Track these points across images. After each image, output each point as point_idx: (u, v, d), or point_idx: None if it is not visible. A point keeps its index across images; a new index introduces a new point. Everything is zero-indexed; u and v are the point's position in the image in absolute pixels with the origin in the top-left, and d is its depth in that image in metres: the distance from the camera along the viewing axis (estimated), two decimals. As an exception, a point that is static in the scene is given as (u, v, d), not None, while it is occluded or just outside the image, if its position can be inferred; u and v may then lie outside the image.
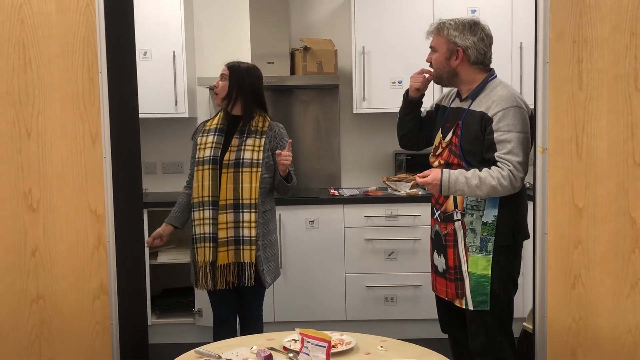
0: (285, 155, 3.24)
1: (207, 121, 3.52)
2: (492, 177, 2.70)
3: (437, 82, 3.00)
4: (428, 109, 3.17)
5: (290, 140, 3.34)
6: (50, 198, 2.75)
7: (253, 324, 3.44)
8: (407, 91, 3.08)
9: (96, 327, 2.80)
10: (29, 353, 2.79)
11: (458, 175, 2.74)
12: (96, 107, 2.73)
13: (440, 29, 2.89)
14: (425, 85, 3.02)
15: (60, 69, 2.71)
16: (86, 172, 2.75)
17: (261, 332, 3.40)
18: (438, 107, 3.09)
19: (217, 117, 3.46)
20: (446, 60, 2.88)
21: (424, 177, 2.79)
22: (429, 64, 2.98)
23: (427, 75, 3.00)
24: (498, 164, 2.72)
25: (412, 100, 3.07)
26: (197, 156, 3.38)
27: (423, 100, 3.11)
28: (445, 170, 2.77)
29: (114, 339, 2.82)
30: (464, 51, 2.84)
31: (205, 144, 3.37)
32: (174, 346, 4.37)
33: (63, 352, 2.80)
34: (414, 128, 3.12)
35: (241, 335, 3.44)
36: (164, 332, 4.58)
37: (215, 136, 3.37)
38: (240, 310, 3.50)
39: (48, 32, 2.70)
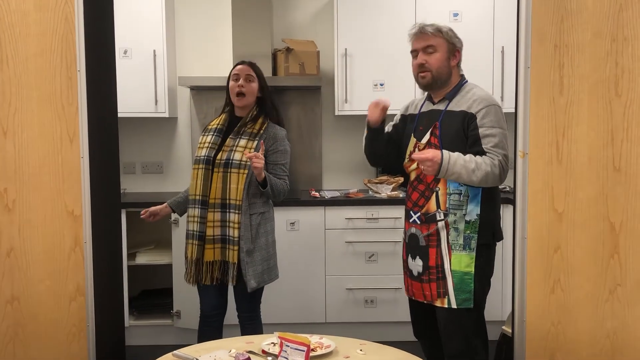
0: (253, 156, 3.16)
1: (212, 120, 3.52)
2: (486, 164, 2.75)
3: (428, 88, 2.96)
4: (392, 122, 3.14)
5: (262, 142, 3.28)
6: (27, 198, 2.71)
7: (247, 326, 3.46)
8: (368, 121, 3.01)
9: (72, 329, 2.77)
10: (3, 355, 2.75)
11: (457, 157, 2.75)
12: (74, 106, 2.69)
13: (440, 30, 2.91)
14: (383, 115, 2.95)
15: (38, 68, 2.67)
16: (63, 172, 2.72)
17: (257, 333, 3.39)
18: (405, 118, 3.09)
19: (220, 118, 3.46)
20: (447, 61, 2.91)
21: (423, 155, 2.74)
22: (420, 65, 2.92)
23: (383, 105, 2.93)
24: (488, 154, 2.77)
25: (375, 129, 3.01)
26: (195, 154, 3.42)
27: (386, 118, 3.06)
28: (445, 151, 2.76)
29: (91, 342, 2.78)
30: (459, 52, 2.93)
31: (204, 143, 3.40)
32: (152, 348, 4.33)
33: (38, 355, 2.76)
34: (381, 144, 3.06)
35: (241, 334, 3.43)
36: (142, 334, 4.53)
37: (213, 136, 3.39)
38: (237, 311, 3.50)
39: (26, 30, 2.66)
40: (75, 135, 2.70)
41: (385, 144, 3.07)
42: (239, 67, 3.40)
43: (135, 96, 4.48)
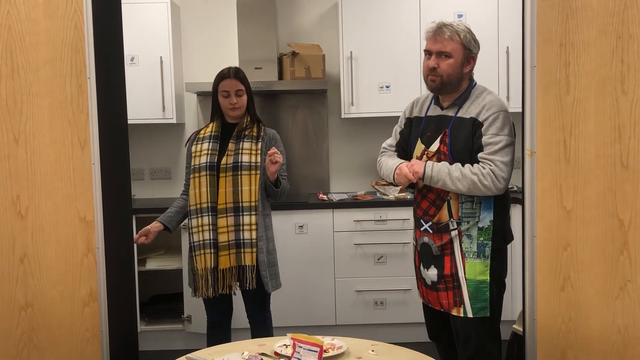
0: (278, 154, 3.21)
1: (200, 130, 3.51)
2: (472, 173, 2.71)
3: (436, 92, 2.87)
4: (398, 128, 3.08)
5: (274, 148, 3.30)
6: (39, 204, 2.73)
7: (260, 327, 3.47)
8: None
9: (86, 334, 2.78)
10: (18, 361, 2.77)
11: (441, 166, 2.75)
12: (85, 113, 2.72)
13: (456, 33, 2.77)
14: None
15: (49, 75, 2.70)
16: (75, 179, 2.74)
17: (269, 334, 3.43)
18: (410, 121, 3.01)
19: (210, 125, 3.45)
20: (460, 67, 2.80)
21: (406, 171, 2.77)
22: (431, 68, 2.80)
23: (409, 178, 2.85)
24: (480, 163, 2.74)
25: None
26: (192, 164, 3.37)
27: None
28: (429, 162, 2.77)
29: (104, 346, 2.80)
30: (474, 59, 2.83)
31: (201, 151, 3.37)
32: (163, 353, 4.36)
33: (53, 360, 2.79)
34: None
35: (251, 337, 3.44)
36: (153, 339, 4.55)
37: (211, 143, 3.37)
38: (248, 314, 3.51)
39: (36, 39, 2.68)
40: (86, 141, 2.72)
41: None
42: (226, 82, 3.36)
43: (142, 103, 4.51)
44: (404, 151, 3.02)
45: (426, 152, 2.87)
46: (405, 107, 3.08)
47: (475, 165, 2.74)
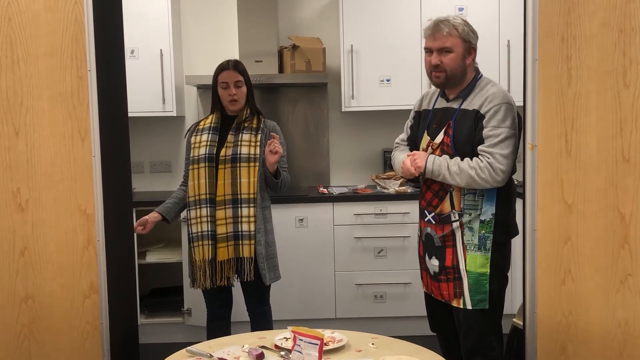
0: (277, 144, 3.22)
1: (199, 121, 3.51)
2: (470, 167, 2.73)
3: (441, 87, 2.91)
4: (409, 123, 3.13)
5: (277, 135, 3.32)
6: (39, 197, 2.73)
7: (260, 320, 3.47)
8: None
9: (86, 327, 2.79)
10: (18, 353, 2.77)
11: (441, 161, 2.80)
12: (85, 105, 2.71)
13: (454, 28, 2.80)
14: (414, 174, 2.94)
15: (49, 68, 2.69)
16: (75, 171, 2.73)
17: (268, 327, 3.43)
18: (419, 114, 3.06)
19: (210, 117, 3.45)
20: (462, 60, 2.82)
21: (408, 165, 2.86)
22: (435, 65, 2.83)
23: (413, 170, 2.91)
24: (479, 156, 2.76)
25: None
26: (192, 155, 3.37)
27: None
28: (430, 156, 2.82)
29: (105, 339, 2.80)
30: (474, 49, 2.85)
31: (200, 142, 3.37)
32: (163, 346, 4.34)
33: (53, 352, 2.78)
34: None
35: (251, 330, 3.44)
36: (153, 332, 4.56)
37: (210, 134, 3.37)
38: (247, 307, 3.51)
39: (36, 31, 2.68)
40: (87, 134, 2.72)
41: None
42: (225, 74, 3.36)
43: (142, 95, 4.50)
44: (415, 145, 3.06)
45: (431, 144, 2.91)
46: (415, 102, 3.13)
47: (474, 158, 2.75)
